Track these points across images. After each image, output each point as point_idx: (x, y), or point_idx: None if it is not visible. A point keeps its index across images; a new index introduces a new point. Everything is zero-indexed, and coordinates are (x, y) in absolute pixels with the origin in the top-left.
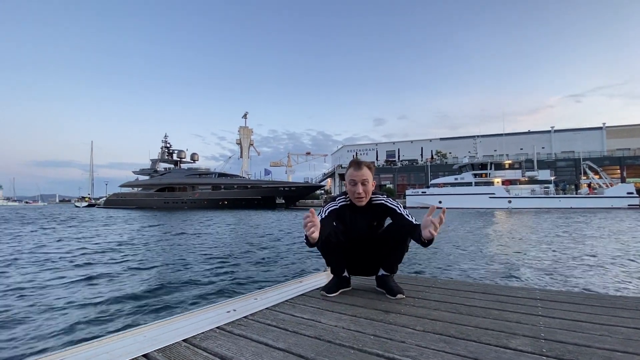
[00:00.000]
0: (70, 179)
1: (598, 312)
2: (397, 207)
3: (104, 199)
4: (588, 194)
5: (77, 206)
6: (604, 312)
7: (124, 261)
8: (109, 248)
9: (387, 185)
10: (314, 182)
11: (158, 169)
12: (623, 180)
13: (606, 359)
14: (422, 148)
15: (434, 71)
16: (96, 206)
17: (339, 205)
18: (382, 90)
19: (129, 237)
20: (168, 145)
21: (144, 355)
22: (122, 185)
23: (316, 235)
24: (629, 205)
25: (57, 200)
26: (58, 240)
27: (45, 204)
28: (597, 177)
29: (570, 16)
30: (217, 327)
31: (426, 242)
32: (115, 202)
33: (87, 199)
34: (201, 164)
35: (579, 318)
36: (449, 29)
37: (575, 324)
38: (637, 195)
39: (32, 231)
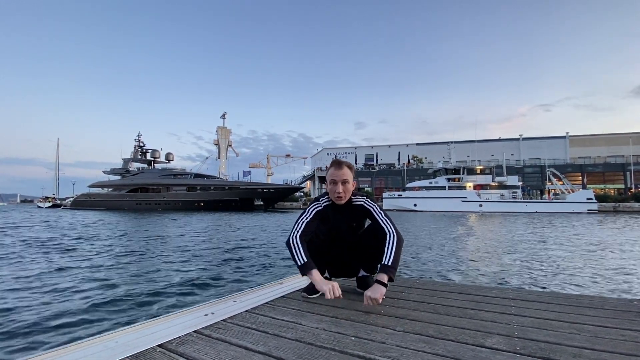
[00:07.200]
0: (33, 177)
1: (566, 310)
2: (374, 208)
3: (71, 199)
4: (548, 199)
5: (40, 207)
6: (571, 310)
7: (88, 259)
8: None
9: (365, 189)
10: (293, 184)
11: (130, 169)
12: (584, 187)
13: (575, 356)
14: (399, 152)
15: (416, 77)
16: (62, 207)
17: (322, 205)
18: (364, 94)
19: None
20: (141, 144)
21: None
22: (91, 186)
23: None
24: (588, 210)
25: (19, 201)
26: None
27: (5, 204)
28: (560, 183)
29: (544, 28)
30: (195, 331)
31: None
32: (83, 203)
33: (51, 199)
34: (176, 164)
35: (549, 317)
36: (432, 36)
37: (545, 322)
38: (596, 201)
39: None
